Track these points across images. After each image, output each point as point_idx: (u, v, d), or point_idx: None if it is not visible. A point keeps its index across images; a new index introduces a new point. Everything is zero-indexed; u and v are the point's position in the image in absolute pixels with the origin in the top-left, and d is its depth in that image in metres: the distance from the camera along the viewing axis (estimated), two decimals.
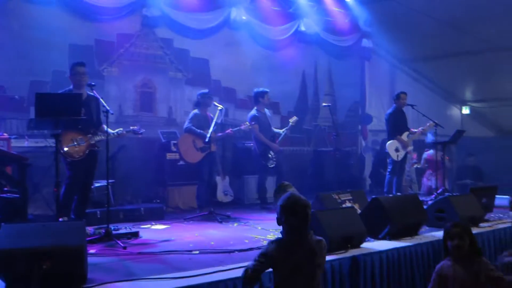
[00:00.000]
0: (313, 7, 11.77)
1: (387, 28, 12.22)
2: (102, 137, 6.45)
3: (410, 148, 10.09)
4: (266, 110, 9.54)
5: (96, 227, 6.32)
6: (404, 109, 9.96)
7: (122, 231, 6.26)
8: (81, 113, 5.83)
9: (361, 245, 5.36)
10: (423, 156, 12.23)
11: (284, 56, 11.61)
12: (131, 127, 6.98)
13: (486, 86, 14.61)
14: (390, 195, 8.69)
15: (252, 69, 11.11)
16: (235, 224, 7.43)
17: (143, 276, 4.23)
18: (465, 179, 12.84)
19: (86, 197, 6.76)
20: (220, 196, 9.42)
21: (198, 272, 4.24)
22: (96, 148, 6.56)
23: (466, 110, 15.96)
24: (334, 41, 12.31)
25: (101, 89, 8.47)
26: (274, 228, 6.67)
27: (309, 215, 3.43)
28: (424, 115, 9.76)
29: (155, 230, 6.89)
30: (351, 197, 7.14)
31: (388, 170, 9.84)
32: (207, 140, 8.00)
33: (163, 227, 7.17)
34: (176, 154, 9.05)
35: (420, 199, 6.82)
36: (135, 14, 9.52)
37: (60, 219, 5.73)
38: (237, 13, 10.52)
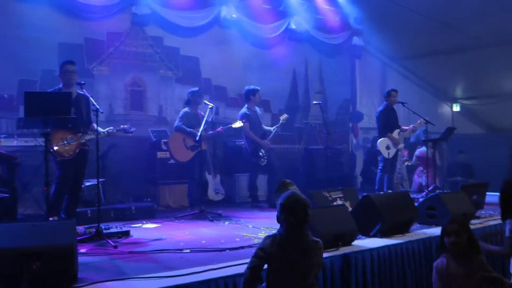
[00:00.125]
0: (303, 5, 11.78)
1: (378, 26, 12.26)
2: (92, 136, 6.43)
3: (401, 146, 10.12)
4: (257, 108, 9.51)
5: (87, 226, 6.26)
6: (395, 107, 9.97)
7: (113, 230, 6.21)
8: (71, 112, 5.78)
9: (352, 243, 5.35)
10: (415, 153, 12.29)
11: (275, 54, 11.62)
12: (122, 126, 6.99)
13: (477, 84, 14.71)
14: (381, 193, 8.72)
15: (243, 67, 11.13)
16: (226, 223, 7.40)
17: (134, 275, 4.20)
18: (456, 176, 12.88)
19: (77, 196, 6.74)
20: (211, 195, 9.38)
21: (189, 271, 4.22)
22: (86, 147, 6.54)
23: (457, 108, 16.07)
24: (325, 39, 12.31)
25: (91, 88, 8.43)
26: (265, 226, 6.68)
27: (309, 215, 3.42)
28: (415, 113, 9.76)
29: (146, 229, 6.86)
30: (342, 195, 7.13)
31: (379, 168, 9.86)
32: (198, 139, 8.00)
33: (154, 226, 7.14)
34: (167, 153, 9.02)
35: (411, 197, 6.82)
36: (125, 12, 9.48)
37: (50, 219, 5.69)
38: (227, 11, 10.51)
